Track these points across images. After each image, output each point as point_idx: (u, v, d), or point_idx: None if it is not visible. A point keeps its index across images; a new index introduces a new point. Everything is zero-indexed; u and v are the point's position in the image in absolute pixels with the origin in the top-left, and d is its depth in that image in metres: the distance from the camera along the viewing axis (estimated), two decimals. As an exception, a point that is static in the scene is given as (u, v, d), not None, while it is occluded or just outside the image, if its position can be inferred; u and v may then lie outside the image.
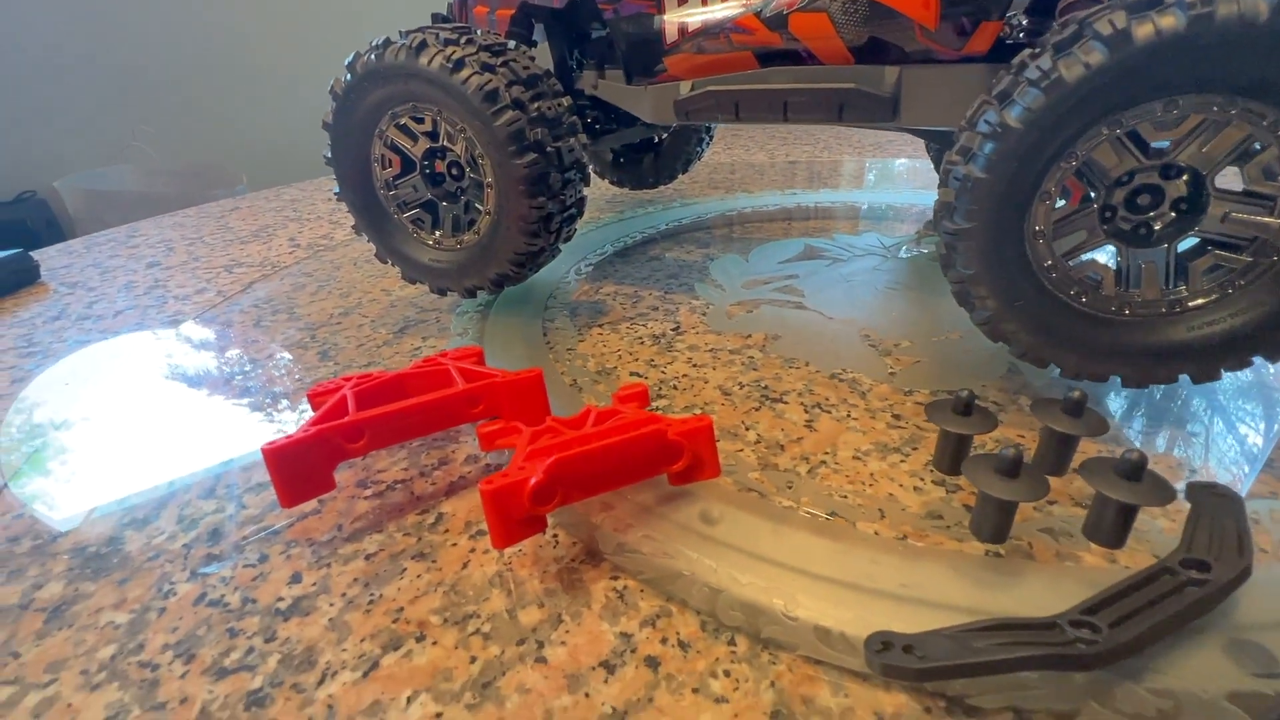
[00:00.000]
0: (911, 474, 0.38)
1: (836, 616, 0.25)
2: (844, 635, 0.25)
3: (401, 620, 0.30)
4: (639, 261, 0.74)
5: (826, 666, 0.26)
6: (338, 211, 1.08)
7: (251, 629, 0.29)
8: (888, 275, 0.61)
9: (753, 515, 0.32)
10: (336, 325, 0.61)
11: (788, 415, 0.44)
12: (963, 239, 0.38)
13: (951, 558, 0.29)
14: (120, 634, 0.29)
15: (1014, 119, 0.34)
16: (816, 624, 0.25)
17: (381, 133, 0.52)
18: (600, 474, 0.30)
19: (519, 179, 0.48)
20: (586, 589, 0.31)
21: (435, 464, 0.41)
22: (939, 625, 0.24)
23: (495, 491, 0.28)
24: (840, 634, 0.25)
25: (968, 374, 0.46)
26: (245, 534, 0.35)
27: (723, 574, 0.28)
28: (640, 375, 0.50)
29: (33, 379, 0.55)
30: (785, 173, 1.19)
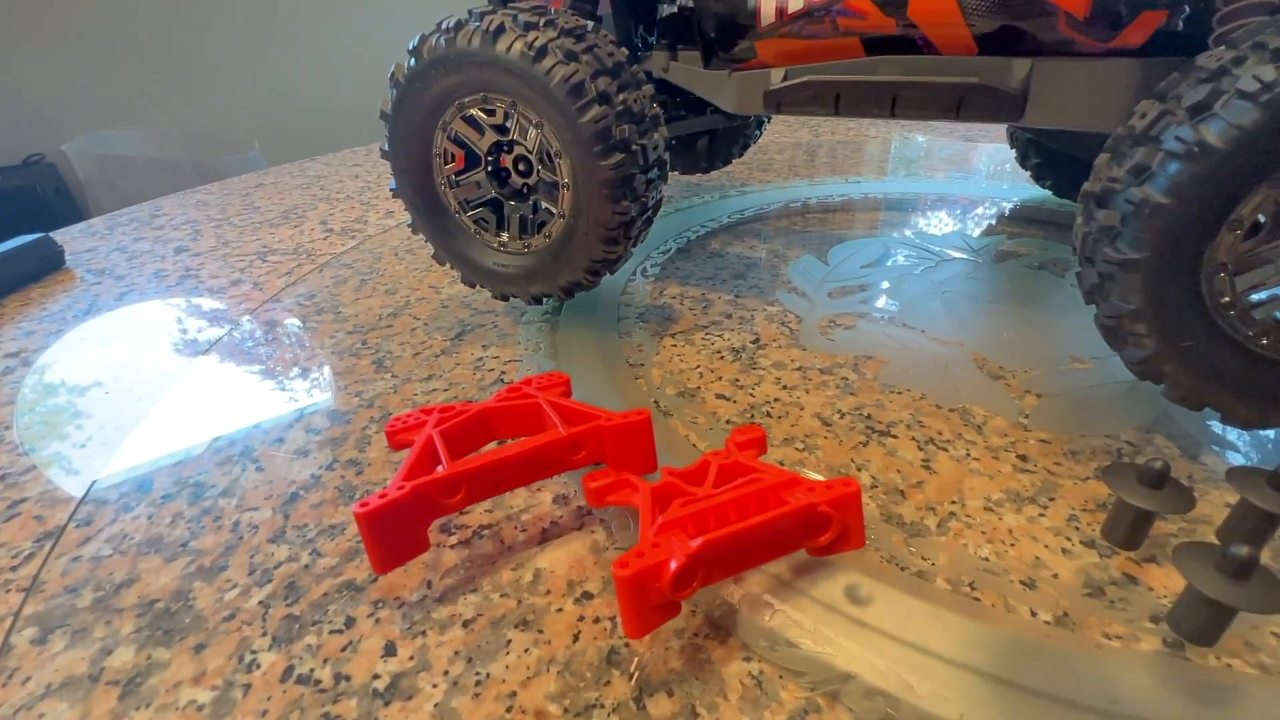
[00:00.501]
0: (1054, 531, 0.34)
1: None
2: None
3: (516, 709, 0.26)
4: (701, 258, 0.70)
5: (1017, 790, 0.23)
6: (368, 191, 1.03)
7: (350, 715, 0.26)
8: (985, 285, 0.56)
9: (902, 593, 0.28)
10: (387, 329, 0.57)
11: (900, 453, 0.40)
12: (1127, 270, 0.34)
13: (1150, 662, 0.25)
14: (205, 717, 0.26)
15: (1216, 137, 0.30)
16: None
17: (445, 125, 0.47)
18: (743, 553, 0.26)
19: (602, 181, 0.43)
20: (718, 673, 0.28)
21: (522, 507, 0.37)
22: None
23: (633, 578, 0.24)
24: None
25: (1106, 409, 0.42)
26: (325, 590, 0.32)
27: (893, 678, 0.24)
28: (727, 398, 0.46)
29: (69, 384, 0.51)
30: (836, 155, 1.12)
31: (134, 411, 0.48)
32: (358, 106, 1.79)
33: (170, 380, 0.51)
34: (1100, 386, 0.44)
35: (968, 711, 0.23)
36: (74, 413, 0.48)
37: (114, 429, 0.46)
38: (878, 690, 0.24)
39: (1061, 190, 0.77)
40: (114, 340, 0.58)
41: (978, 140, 1.24)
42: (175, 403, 0.48)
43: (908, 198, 0.81)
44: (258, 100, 2.11)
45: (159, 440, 0.44)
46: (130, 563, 0.34)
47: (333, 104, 2.14)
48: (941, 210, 0.77)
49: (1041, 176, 0.76)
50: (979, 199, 0.81)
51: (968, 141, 1.23)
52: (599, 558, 0.33)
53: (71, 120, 1.84)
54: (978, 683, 0.24)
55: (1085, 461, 0.39)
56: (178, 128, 1.94)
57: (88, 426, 0.46)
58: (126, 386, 0.51)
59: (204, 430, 0.45)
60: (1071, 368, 0.46)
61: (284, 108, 2.14)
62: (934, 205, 0.79)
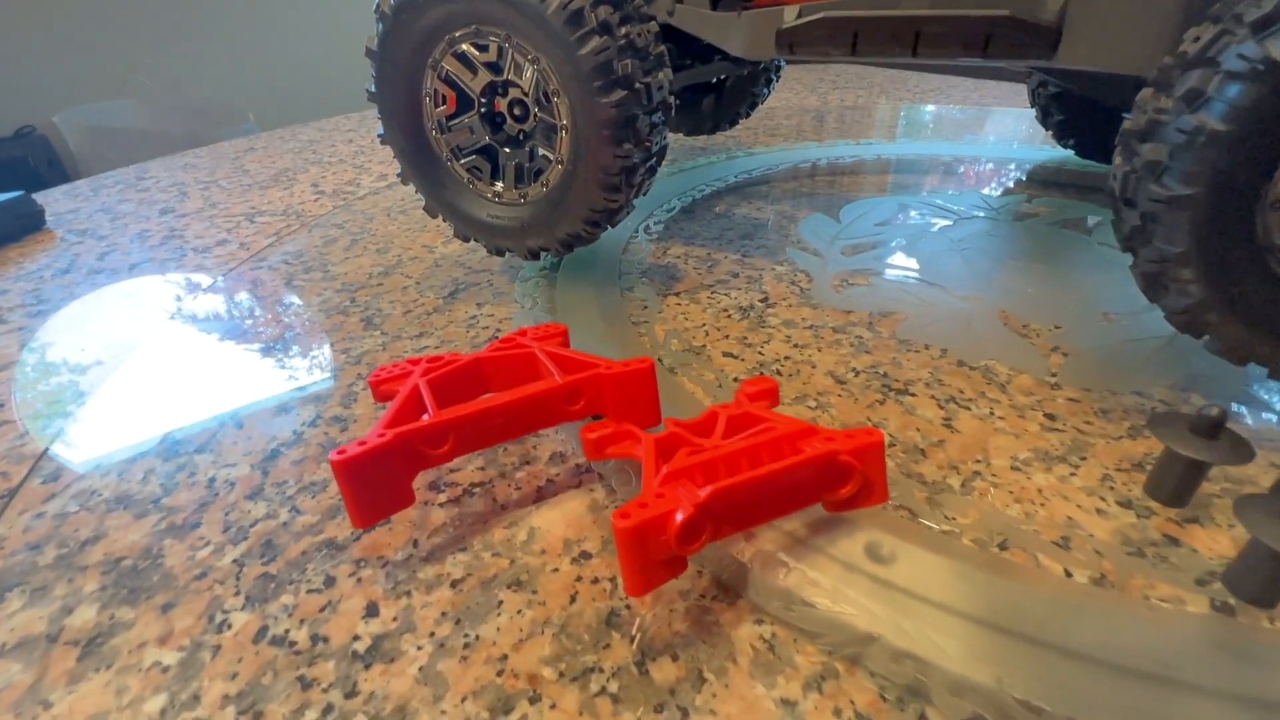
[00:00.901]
0: (1088, 491, 0.32)
1: (1091, 706, 0.19)
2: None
3: (508, 673, 0.24)
4: (706, 219, 0.67)
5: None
6: (360, 155, 1.00)
7: (327, 679, 0.24)
8: (1006, 243, 0.54)
9: (926, 550, 0.26)
10: (377, 287, 0.55)
11: (920, 411, 0.38)
12: (1174, 209, 0.31)
13: (1202, 625, 0.23)
14: (170, 679, 0.24)
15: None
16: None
17: (436, 63, 0.44)
18: (756, 505, 0.24)
19: (603, 121, 0.40)
20: (727, 636, 0.25)
21: (516, 463, 0.35)
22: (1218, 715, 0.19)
23: (635, 529, 0.22)
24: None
25: (1139, 366, 0.39)
26: (304, 549, 0.30)
27: (922, 640, 0.22)
28: (735, 356, 0.43)
29: (44, 341, 0.49)
30: (845, 120, 1.09)
31: (107, 369, 0.45)
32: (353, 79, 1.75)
33: (147, 336, 0.49)
34: (1132, 342, 0.41)
35: (1005, 675, 0.21)
36: (45, 369, 0.45)
37: (87, 385, 0.43)
38: (905, 653, 0.22)
39: (1085, 150, 0.74)
40: (91, 298, 0.56)
41: (991, 106, 1.20)
42: (150, 359, 0.46)
43: (921, 159, 0.78)
44: (252, 73, 2.06)
45: (131, 396, 0.42)
46: (98, 520, 0.32)
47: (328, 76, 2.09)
48: (957, 172, 0.74)
49: (1064, 135, 0.72)
50: (996, 161, 0.78)
51: (981, 107, 1.19)
52: (598, 516, 0.31)
53: (63, 92, 1.80)
54: (1014, 645, 0.22)
55: (1117, 420, 0.37)
56: (171, 100, 1.90)
57: (59, 383, 0.44)
58: (102, 344, 0.48)
59: (179, 387, 0.43)
60: (1101, 323, 0.43)
61: (279, 80, 2.09)
62: (949, 167, 0.76)
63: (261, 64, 2.05)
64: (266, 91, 2.03)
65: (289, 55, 2.08)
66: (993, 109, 1.18)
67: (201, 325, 0.50)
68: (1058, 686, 0.20)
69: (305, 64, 2.10)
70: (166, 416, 0.40)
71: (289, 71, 2.09)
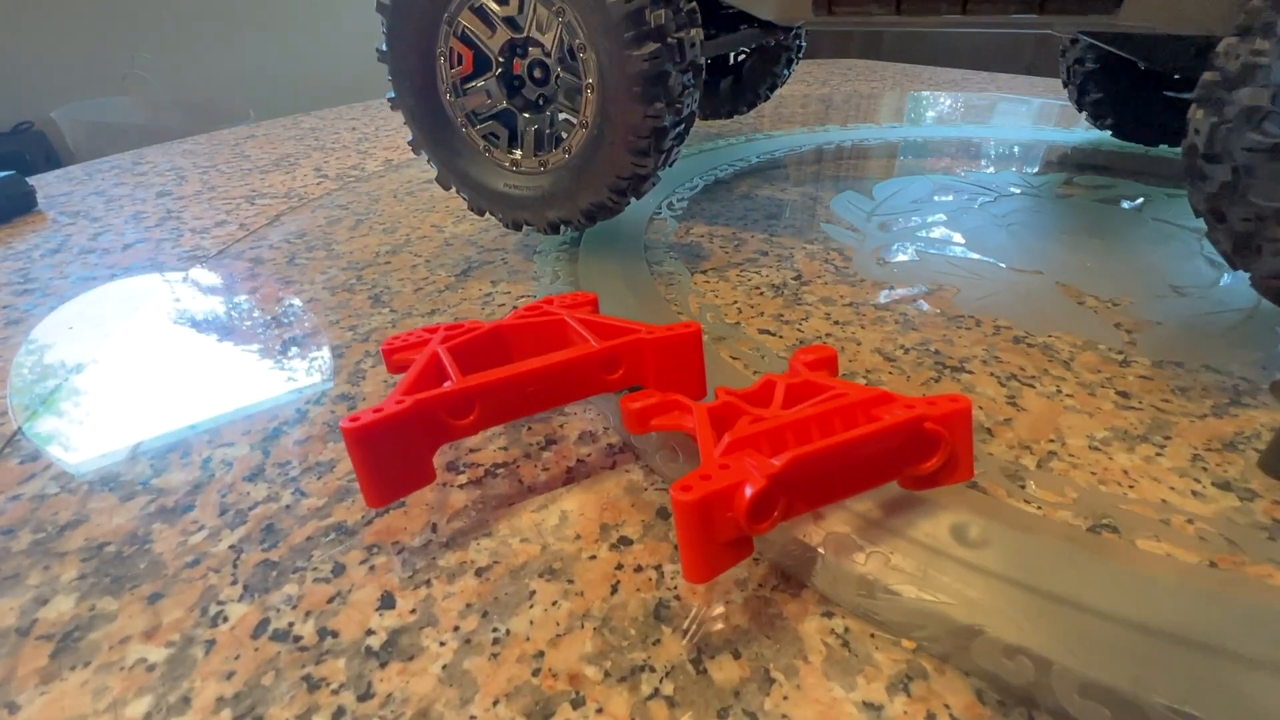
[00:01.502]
0: (1178, 472, 0.29)
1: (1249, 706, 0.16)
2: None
3: (545, 673, 0.21)
4: (727, 200, 0.64)
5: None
6: (365, 141, 0.97)
7: (337, 678, 0.21)
8: (1055, 218, 0.51)
9: (1018, 532, 0.23)
10: (385, 265, 0.52)
11: (980, 389, 0.35)
12: (1277, 158, 0.28)
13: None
14: (156, 679, 0.21)
15: None
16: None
17: (452, 18, 0.41)
18: (834, 478, 0.21)
19: (634, 76, 0.37)
20: (794, 631, 0.22)
21: (542, 442, 0.32)
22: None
23: (698, 503, 0.19)
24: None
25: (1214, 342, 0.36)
26: (310, 534, 0.27)
27: (1034, 633, 0.19)
28: (772, 334, 0.40)
29: (32, 321, 0.45)
30: (862, 108, 1.06)
31: (93, 346, 0.42)
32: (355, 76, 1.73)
33: (139, 311, 0.46)
34: (1208, 316, 0.38)
35: (1144, 675, 0.17)
36: (29, 344, 0.42)
37: (71, 361, 0.40)
38: (1019, 649, 0.18)
39: (1122, 130, 0.71)
40: (81, 278, 0.53)
41: (1013, 92, 1.17)
42: (141, 335, 0.43)
43: (950, 142, 0.75)
44: (252, 69, 2.04)
45: (119, 373, 0.39)
46: (79, 502, 0.29)
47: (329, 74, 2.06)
48: (989, 153, 0.71)
49: (1100, 115, 0.69)
50: (1029, 143, 0.75)
51: (1003, 94, 1.16)
52: (637, 499, 0.28)
53: (63, 87, 1.77)
54: (1144, 640, 0.19)
55: (1198, 399, 0.34)
56: (170, 96, 1.87)
57: (43, 359, 0.41)
58: (91, 322, 0.45)
59: (171, 363, 0.40)
60: (1170, 297, 0.40)
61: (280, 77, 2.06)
62: (979, 149, 0.73)
63: (263, 61, 2.03)
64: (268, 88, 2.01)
65: (290, 53, 2.06)
66: (1013, 95, 1.15)
67: (198, 301, 0.47)
68: (1206, 688, 0.17)
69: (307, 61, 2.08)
70: (157, 393, 0.37)
71: (290, 68, 2.06)
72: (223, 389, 0.37)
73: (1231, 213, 0.31)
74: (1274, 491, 0.27)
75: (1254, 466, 0.28)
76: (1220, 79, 0.31)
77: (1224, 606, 0.20)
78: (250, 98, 1.90)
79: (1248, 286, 0.33)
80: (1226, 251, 0.32)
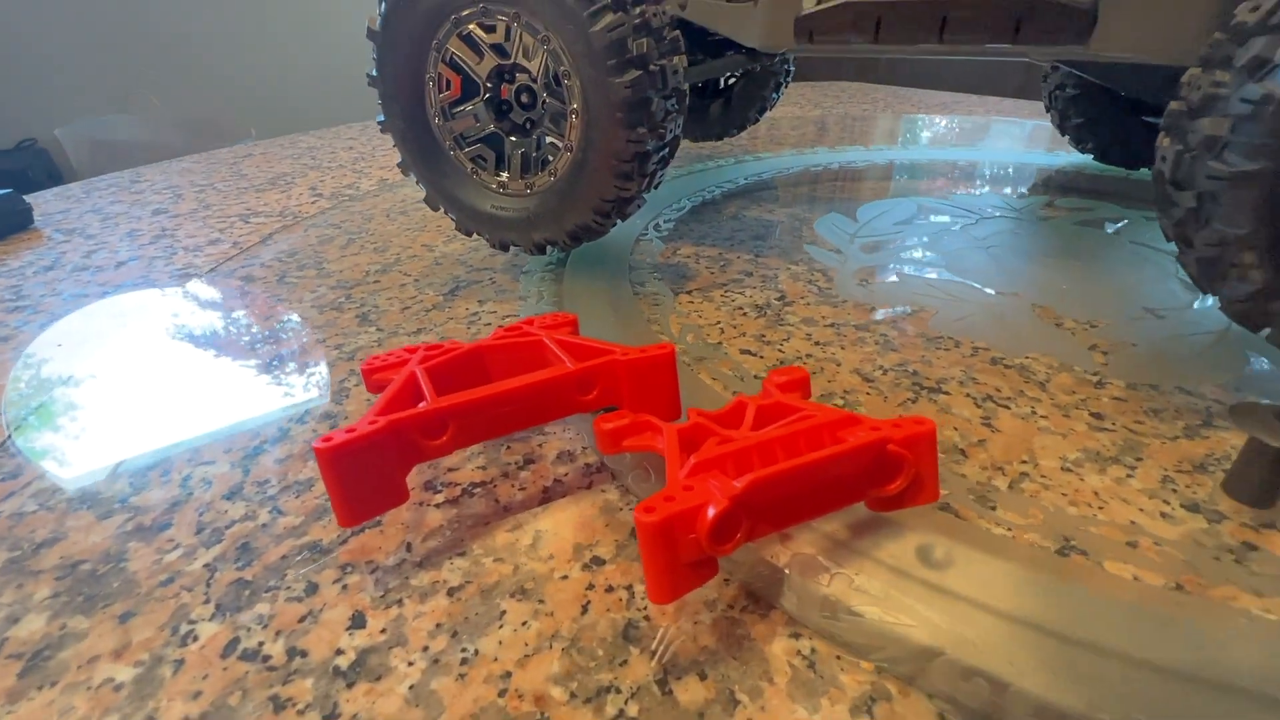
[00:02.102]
0: (1148, 494, 0.29)
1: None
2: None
3: (511, 694, 0.21)
4: (715, 221, 0.65)
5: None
6: (361, 160, 0.98)
7: (303, 698, 0.21)
8: (1034, 241, 0.51)
9: (984, 554, 0.23)
10: (374, 284, 0.52)
11: (956, 410, 0.35)
12: (1238, 186, 0.28)
13: (1309, 635, 0.20)
14: (123, 699, 0.21)
15: (1365, 12, 0.25)
16: (1178, 752, 0.16)
17: (440, 44, 0.42)
18: (797, 500, 0.21)
19: (616, 103, 0.38)
20: (761, 652, 0.22)
21: (520, 462, 0.32)
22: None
23: (661, 524, 0.19)
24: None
25: (1187, 364, 0.37)
26: (285, 553, 0.27)
27: (993, 654, 0.19)
28: (753, 354, 0.41)
29: (22, 338, 0.46)
30: (853, 130, 1.07)
31: (79, 361, 0.42)
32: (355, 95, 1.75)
33: (126, 328, 0.46)
34: (1179, 338, 0.39)
35: (1097, 697, 0.18)
36: (15, 360, 0.42)
37: (56, 378, 0.40)
38: (976, 670, 0.19)
39: (1104, 154, 0.72)
40: (73, 295, 0.53)
41: (996, 115, 1.19)
42: (127, 352, 0.43)
43: (935, 164, 0.76)
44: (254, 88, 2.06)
45: (102, 390, 0.39)
46: (57, 520, 0.29)
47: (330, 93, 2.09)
48: (975, 176, 0.72)
49: (1082, 139, 0.71)
50: (1013, 165, 0.76)
51: (990, 117, 1.18)
52: (611, 519, 0.28)
53: (66, 105, 1.79)
54: (1101, 663, 0.19)
55: (1170, 420, 0.34)
56: (173, 115, 1.89)
57: (28, 375, 0.41)
58: (80, 339, 0.46)
59: (154, 380, 0.40)
60: (1144, 319, 0.41)
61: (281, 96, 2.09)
62: (964, 171, 0.74)
63: (264, 80, 2.06)
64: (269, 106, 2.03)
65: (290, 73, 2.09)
66: (1003, 118, 1.17)
67: (186, 318, 0.48)
68: (1160, 711, 0.17)
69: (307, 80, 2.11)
70: (141, 410, 0.37)
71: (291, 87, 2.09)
72: (206, 407, 0.37)
73: (1197, 238, 0.31)
74: (1241, 514, 0.28)
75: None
76: (1185, 108, 0.31)
77: (1181, 629, 0.20)
78: (252, 116, 1.93)
79: (1218, 309, 0.33)
80: (1194, 276, 0.33)
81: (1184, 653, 0.19)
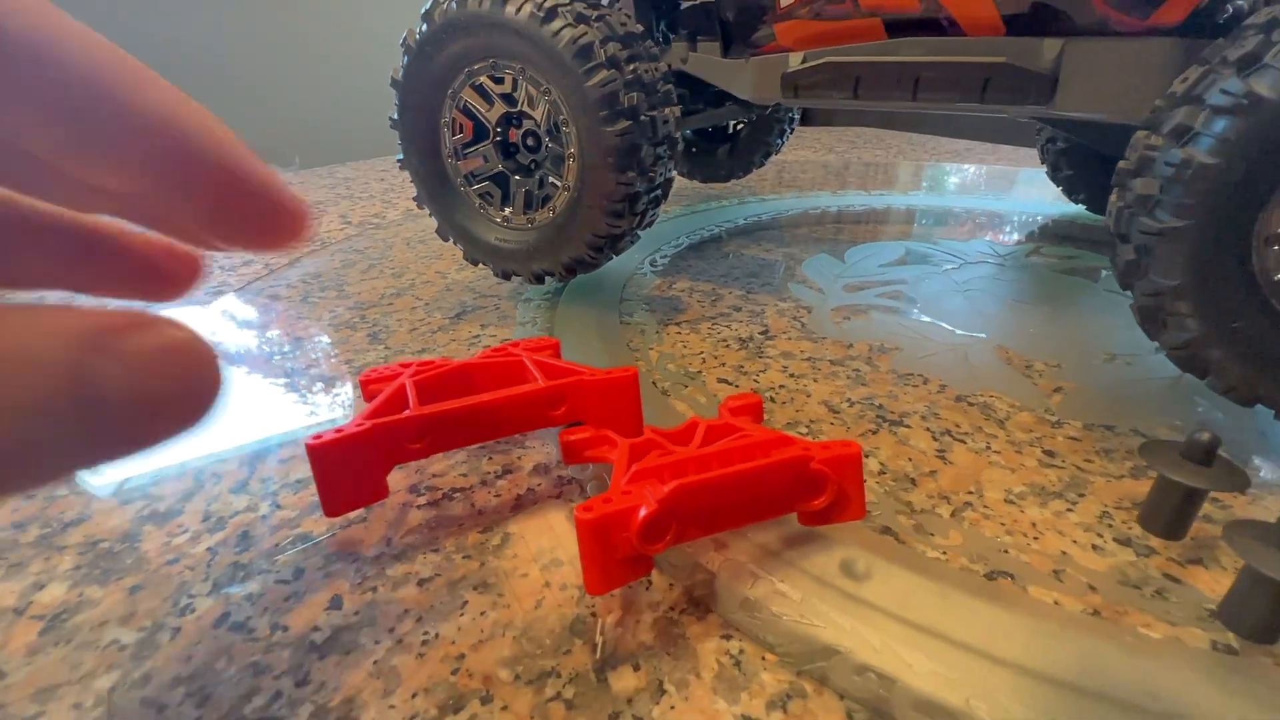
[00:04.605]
0: (1084, 527, 0.30)
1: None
2: (1084, 768, 0.18)
3: (463, 672, 0.24)
4: (714, 258, 0.68)
5: (1035, 798, 0.19)
6: (390, 191, 1.05)
7: (280, 666, 0.24)
8: (1011, 286, 0.53)
9: (908, 571, 0.25)
10: (388, 306, 0.56)
11: (913, 442, 0.37)
12: (1167, 241, 0.31)
13: (1194, 657, 0.22)
14: (125, 658, 0.24)
15: (1268, 88, 0.27)
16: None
17: (455, 93, 0.47)
18: (724, 508, 0.23)
19: (608, 149, 0.42)
20: (692, 649, 0.24)
21: (499, 471, 0.35)
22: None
23: (596, 522, 0.21)
24: (1079, 765, 0.18)
25: (1140, 406, 0.38)
26: (278, 541, 0.30)
27: (889, 655, 0.21)
28: (730, 383, 0.43)
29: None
30: (861, 174, 1.11)
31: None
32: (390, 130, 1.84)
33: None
34: (1138, 382, 0.40)
35: (974, 696, 0.19)
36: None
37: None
38: (868, 667, 0.20)
39: (1095, 205, 0.74)
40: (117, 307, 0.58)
41: (1009, 163, 1.22)
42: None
43: (932, 210, 0.78)
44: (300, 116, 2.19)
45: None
46: (84, 503, 0.32)
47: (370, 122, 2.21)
48: (967, 222, 0.75)
49: (1074, 190, 0.73)
50: (1008, 213, 0.78)
51: (995, 166, 1.21)
52: (574, 526, 0.31)
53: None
54: (989, 668, 0.21)
55: (1119, 460, 0.36)
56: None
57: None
58: (120, 346, 0.50)
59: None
60: (1104, 364, 0.42)
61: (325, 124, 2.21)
62: (959, 218, 0.77)
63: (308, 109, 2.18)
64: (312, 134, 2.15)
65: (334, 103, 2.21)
66: (1007, 168, 1.20)
67: (215, 332, 0.52)
68: (1034, 712, 0.19)
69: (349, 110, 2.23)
70: (168, 413, 0.41)
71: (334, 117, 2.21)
72: (224, 410, 0.41)
73: (1138, 286, 0.33)
74: (1170, 550, 0.29)
75: (1156, 525, 0.30)
76: (1126, 168, 0.34)
77: (1071, 643, 0.22)
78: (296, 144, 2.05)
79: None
80: (1140, 323, 0.35)
81: (1069, 664, 0.21)
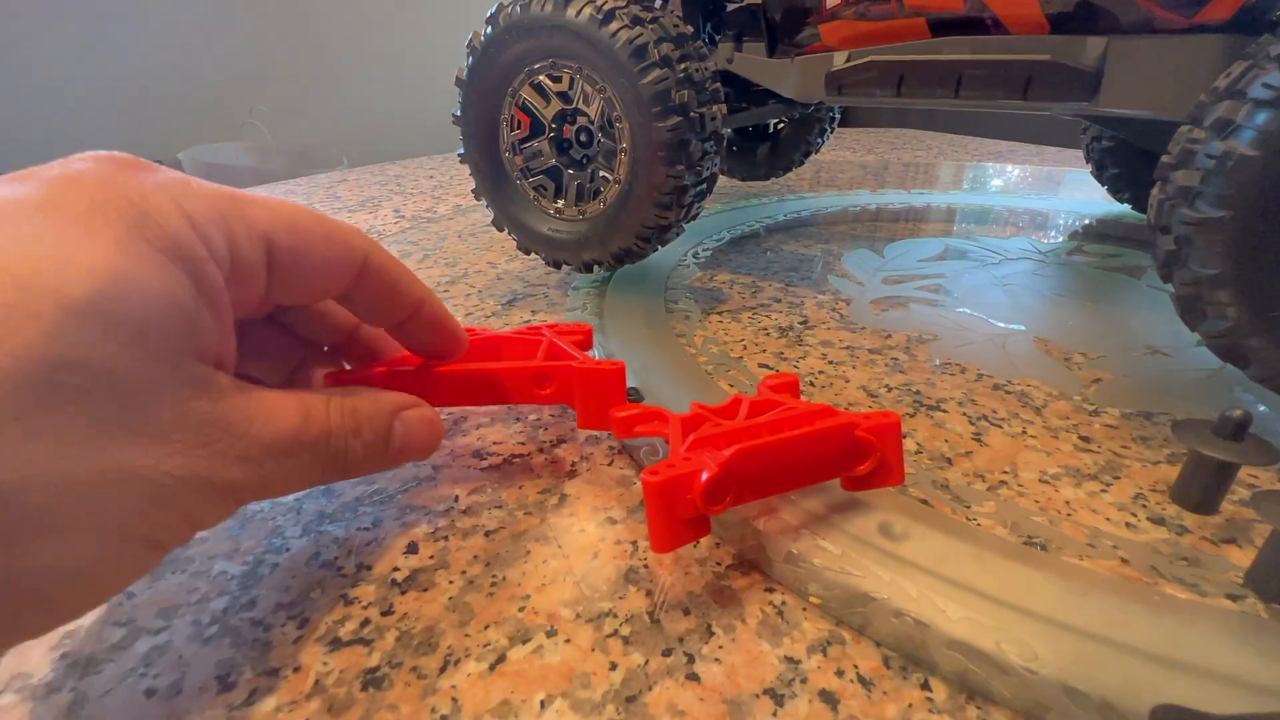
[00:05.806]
0: (1118, 507, 0.32)
1: (1092, 678, 0.20)
2: (1108, 702, 0.19)
3: (529, 610, 0.26)
4: (754, 252, 0.70)
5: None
6: (439, 188, 1.09)
7: (367, 598, 0.27)
8: (1051, 281, 0.54)
9: (944, 534, 0.27)
10: (444, 293, 0.60)
11: (949, 425, 0.38)
12: (1208, 231, 0.32)
13: (1221, 616, 0.23)
14: (234, 585, 0.27)
15: (1309, 82, 0.28)
16: (1066, 683, 0.20)
17: (514, 91, 0.50)
18: (779, 472, 0.25)
19: (659, 144, 0.44)
20: (738, 599, 0.27)
21: (554, 440, 0.37)
22: (1227, 702, 0.19)
23: (662, 485, 0.23)
24: (1103, 700, 0.19)
25: (1179, 396, 0.39)
26: (358, 495, 0.33)
27: (924, 602, 0.23)
28: (770, 368, 0.45)
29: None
30: (900, 174, 1.11)
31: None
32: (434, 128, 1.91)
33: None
34: (1178, 373, 0.41)
35: (1004, 640, 0.21)
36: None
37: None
38: (904, 611, 0.22)
39: (1140, 204, 0.73)
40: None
41: (1053, 164, 1.20)
42: (244, 339, 0.51)
43: (973, 208, 0.79)
44: (348, 119, 2.27)
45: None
46: (185, 458, 0.36)
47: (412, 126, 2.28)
48: (1010, 221, 0.75)
49: (1119, 189, 0.72)
50: (1051, 212, 0.78)
51: (1039, 166, 1.19)
52: (625, 490, 0.33)
53: (187, 131, 2.02)
54: (1019, 618, 0.22)
55: (1156, 447, 0.36)
56: (276, 143, 2.11)
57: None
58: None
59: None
60: (1144, 356, 0.43)
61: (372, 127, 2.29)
62: (1001, 216, 0.77)
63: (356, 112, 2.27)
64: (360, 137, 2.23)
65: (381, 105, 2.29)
66: (1051, 169, 1.18)
67: (287, 315, 0.56)
68: (1060, 655, 0.20)
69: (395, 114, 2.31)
70: (251, 384, 0.44)
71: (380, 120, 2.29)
72: (301, 382, 0.44)
73: (1176, 278, 0.34)
74: (1205, 529, 0.30)
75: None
76: (1169, 161, 0.35)
77: (1099, 600, 0.23)
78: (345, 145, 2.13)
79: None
80: (1180, 313, 0.35)
81: (1095, 616, 0.22)
